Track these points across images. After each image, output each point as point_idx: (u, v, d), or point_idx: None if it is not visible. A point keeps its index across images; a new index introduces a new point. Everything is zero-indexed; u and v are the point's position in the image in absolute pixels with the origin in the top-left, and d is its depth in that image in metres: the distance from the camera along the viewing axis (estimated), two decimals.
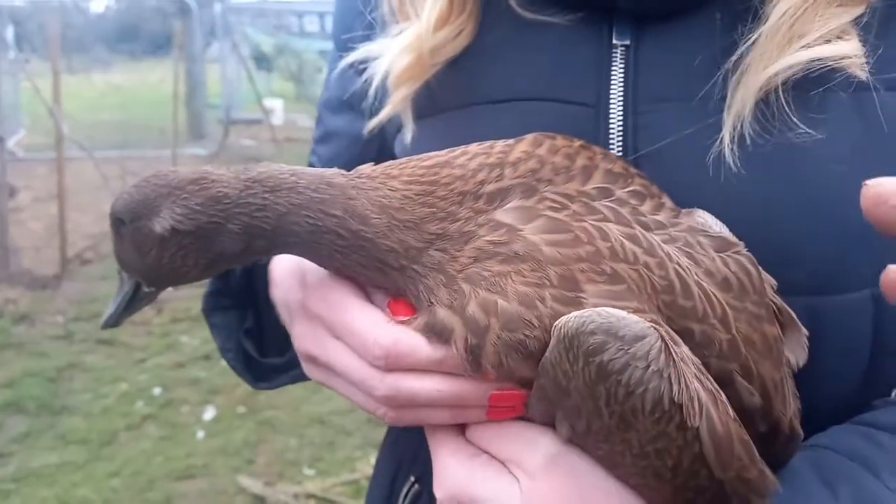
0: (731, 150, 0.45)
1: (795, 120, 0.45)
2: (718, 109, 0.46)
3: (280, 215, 0.42)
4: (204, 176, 0.43)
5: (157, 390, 3.57)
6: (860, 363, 0.48)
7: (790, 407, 0.44)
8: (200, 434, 3.19)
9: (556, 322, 0.39)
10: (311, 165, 0.74)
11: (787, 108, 0.45)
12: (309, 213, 0.42)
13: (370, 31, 0.60)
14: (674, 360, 0.39)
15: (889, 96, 0.45)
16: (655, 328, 0.38)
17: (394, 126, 0.59)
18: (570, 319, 0.39)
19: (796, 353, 0.46)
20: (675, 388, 0.39)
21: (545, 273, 0.41)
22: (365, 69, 0.59)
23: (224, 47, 12.10)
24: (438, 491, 0.45)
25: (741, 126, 0.45)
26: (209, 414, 3.36)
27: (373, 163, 0.46)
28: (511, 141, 0.46)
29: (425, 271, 0.43)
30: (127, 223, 0.45)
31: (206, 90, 11.35)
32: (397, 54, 0.54)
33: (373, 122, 0.59)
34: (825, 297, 0.46)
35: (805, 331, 0.46)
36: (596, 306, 0.39)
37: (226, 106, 11.15)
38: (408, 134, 0.56)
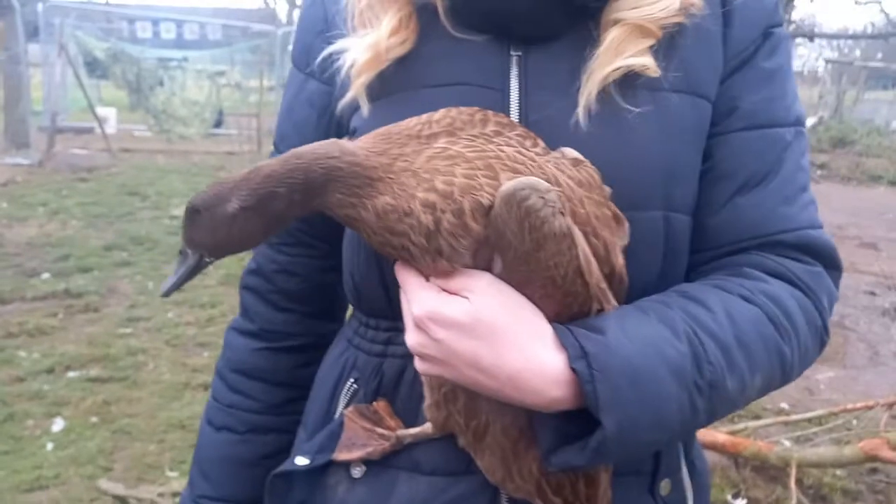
0: (583, 118, 0.71)
1: (619, 100, 0.72)
2: (576, 95, 0.72)
3: (306, 169, 0.63)
4: (255, 167, 0.64)
5: None
6: (658, 259, 0.74)
7: (620, 260, 0.68)
8: (49, 446, 3.07)
9: (499, 189, 0.61)
10: None
11: (614, 95, 0.71)
12: (321, 160, 0.63)
13: (329, 46, 0.81)
14: (565, 206, 0.62)
15: (672, 94, 0.74)
16: (554, 188, 0.62)
17: (349, 111, 0.80)
18: (509, 184, 0.61)
19: (622, 237, 0.70)
20: (567, 220, 0.61)
21: (473, 164, 0.63)
22: (320, 71, 0.82)
23: (49, 50, 11.28)
24: (415, 310, 0.65)
25: (589, 105, 0.71)
26: (57, 426, 3.23)
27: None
28: (430, 113, 0.69)
29: (396, 175, 0.64)
30: (202, 212, 0.63)
31: (29, 96, 10.46)
32: (362, 50, 0.76)
33: (342, 103, 0.79)
34: (634, 212, 0.71)
35: (627, 223, 0.70)
36: None
37: (51, 113, 10.39)
38: (365, 110, 0.77)
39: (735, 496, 2.87)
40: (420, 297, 0.65)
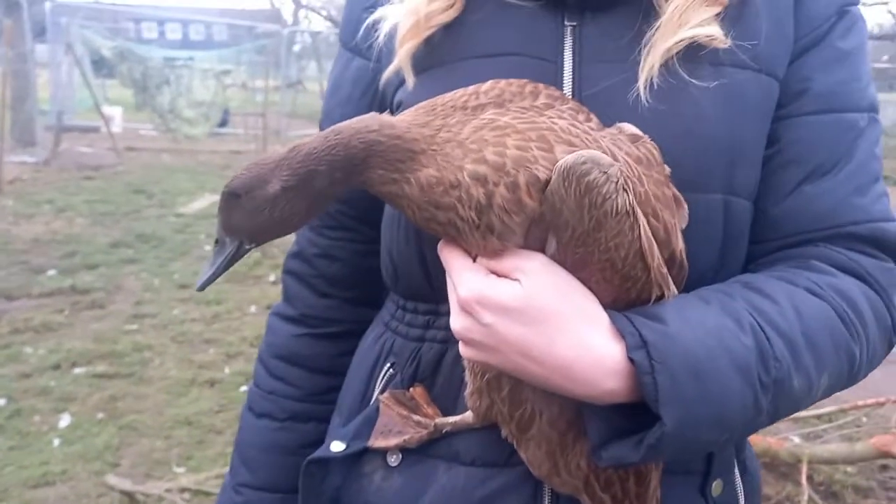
0: (644, 93, 0.67)
1: (683, 74, 0.68)
2: (635, 68, 0.68)
3: (346, 145, 0.60)
4: (294, 146, 0.62)
5: (1, 402, 3.37)
6: (716, 246, 0.70)
7: (680, 244, 0.64)
8: (56, 442, 3.07)
9: (557, 163, 0.57)
10: None
11: (678, 68, 0.68)
12: (360, 135, 0.61)
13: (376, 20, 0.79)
14: (627, 182, 0.58)
15: (738, 70, 0.69)
16: (616, 163, 0.58)
17: (393, 85, 0.77)
18: (568, 157, 0.57)
19: (681, 219, 0.66)
20: (630, 197, 0.57)
21: (526, 135, 0.59)
22: (365, 46, 0.80)
23: (56, 49, 11.29)
24: (461, 292, 0.62)
25: (651, 79, 0.67)
26: (64, 422, 3.23)
27: None
28: (477, 85, 0.66)
29: (440, 147, 0.60)
30: (242, 195, 0.61)
31: (35, 94, 10.48)
32: (402, 16, 0.73)
33: (386, 74, 0.76)
34: (693, 194, 0.67)
35: (685, 205, 0.66)
36: None
37: (57, 111, 10.41)
38: (410, 82, 0.74)
39: None
40: (467, 279, 0.62)
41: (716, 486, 0.75)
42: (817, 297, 0.66)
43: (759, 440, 2.91)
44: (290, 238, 0.86)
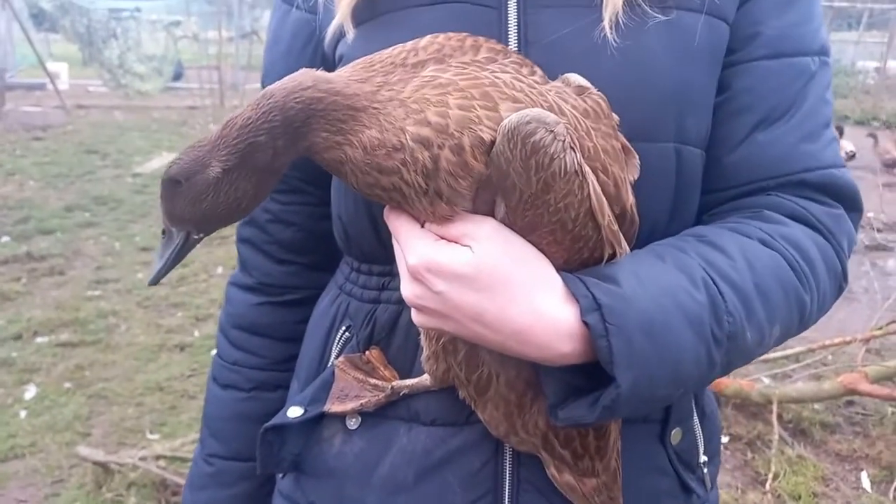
0: (611, 33, 0.65)
1: (646, 8, 0.65)
2: (585, 14, 0.66)
3: (282, 108, 0.56)
4: (227, 120, 0.58)
5: None
6: (668, 196, 0.69)
7: (630, 198, 0.63)
8: (23, 414, 2.98)
9: (501, 124, 0.55)
10: None
11: (629, 12, 0.65)
12: (295, 94, 0.57)
13: None
14: (574, 140, 0.56)
15: (685, 13, 0.67)
16: (562, 120, 0.56)
17: (334, 38, 0.74)
18: (512, 117, 0.55)
19: (632, 171, 0.65)
20: (578, 156, 0.56)
21: (468, 93, 0.57)
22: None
23: None
24: (410, 260, 0.60)
25: (616, 20, 0.65)
26: (30, 393, 3.14)
27: None
28: (416, 40, 0.63)
29: (382, 105, 0.57)
30: (183, 182, 0.57)
31: None
32: None
33: (329, 32, 0.73)
34: (644, 144, 0.65)
35: (637, 156, 0.65)
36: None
37: None
38: (350, 35, 0.71)
39: None
40: (416, 246, 0.60)
41: (675, 434, 0.75)
42: (769, 248, 0.65)
43: (731, 382, 2.98)
44: None
